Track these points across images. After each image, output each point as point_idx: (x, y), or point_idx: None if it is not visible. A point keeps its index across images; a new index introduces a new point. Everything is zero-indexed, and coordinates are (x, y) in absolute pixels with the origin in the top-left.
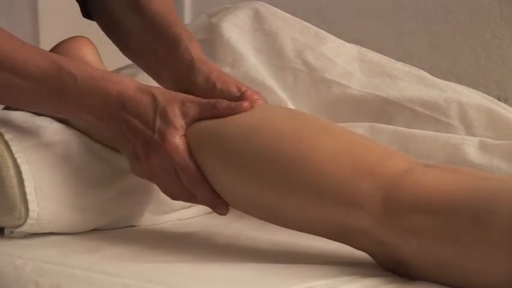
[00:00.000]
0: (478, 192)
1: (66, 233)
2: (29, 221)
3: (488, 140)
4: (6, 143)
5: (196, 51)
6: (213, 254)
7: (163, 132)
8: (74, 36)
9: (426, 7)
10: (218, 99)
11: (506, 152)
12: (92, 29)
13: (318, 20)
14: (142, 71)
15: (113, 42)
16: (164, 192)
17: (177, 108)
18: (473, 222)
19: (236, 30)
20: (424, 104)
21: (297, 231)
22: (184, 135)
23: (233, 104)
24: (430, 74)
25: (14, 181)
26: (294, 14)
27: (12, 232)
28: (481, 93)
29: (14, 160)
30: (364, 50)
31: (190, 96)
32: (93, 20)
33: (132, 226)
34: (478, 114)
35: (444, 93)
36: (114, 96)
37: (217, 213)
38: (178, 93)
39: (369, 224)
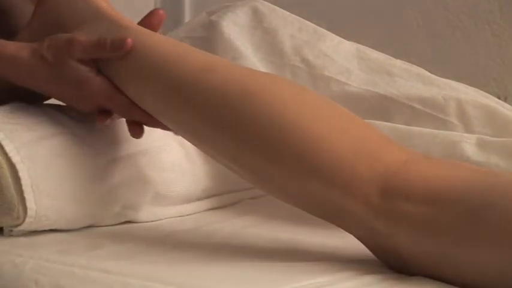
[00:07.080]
0: (475, 186)
1: (65, 229)
2: (27, 220)
3: (486, 137)
4: None
5: None
6: (213, 252)
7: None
8: None
9: (426, 7)
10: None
11: (504, 149)
12: None
13: (318, 19)
14: None
15: None
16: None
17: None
18: (467, 215)
19: (235, 28)
20: (422, 101)
21: (296, 231)
22: None
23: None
24: (429, 72)
25: (10, 181)
26: (294, 13)
27: (11, 231)
28: (479, 90)
29: (8, 159)
30: (362, 48)
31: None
32: None
33: (132, 222)
34: (476, 112)
35: (443, 90)
36: None
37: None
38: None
39: (362, 209)
